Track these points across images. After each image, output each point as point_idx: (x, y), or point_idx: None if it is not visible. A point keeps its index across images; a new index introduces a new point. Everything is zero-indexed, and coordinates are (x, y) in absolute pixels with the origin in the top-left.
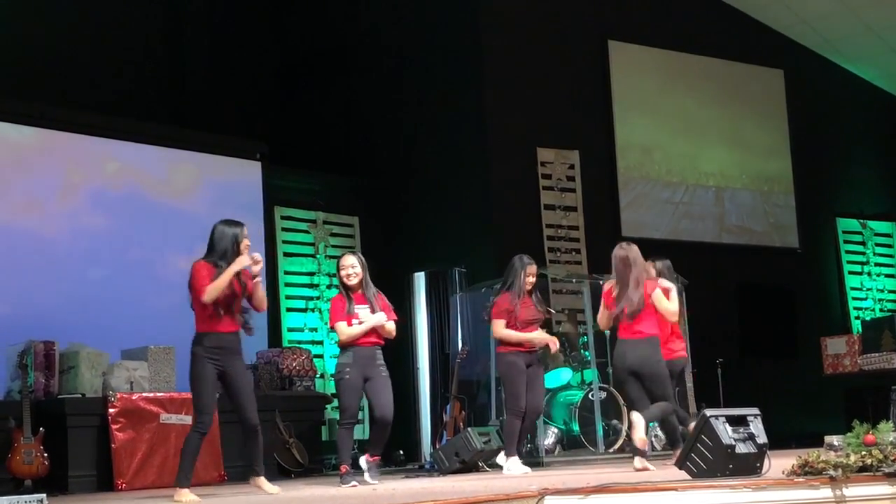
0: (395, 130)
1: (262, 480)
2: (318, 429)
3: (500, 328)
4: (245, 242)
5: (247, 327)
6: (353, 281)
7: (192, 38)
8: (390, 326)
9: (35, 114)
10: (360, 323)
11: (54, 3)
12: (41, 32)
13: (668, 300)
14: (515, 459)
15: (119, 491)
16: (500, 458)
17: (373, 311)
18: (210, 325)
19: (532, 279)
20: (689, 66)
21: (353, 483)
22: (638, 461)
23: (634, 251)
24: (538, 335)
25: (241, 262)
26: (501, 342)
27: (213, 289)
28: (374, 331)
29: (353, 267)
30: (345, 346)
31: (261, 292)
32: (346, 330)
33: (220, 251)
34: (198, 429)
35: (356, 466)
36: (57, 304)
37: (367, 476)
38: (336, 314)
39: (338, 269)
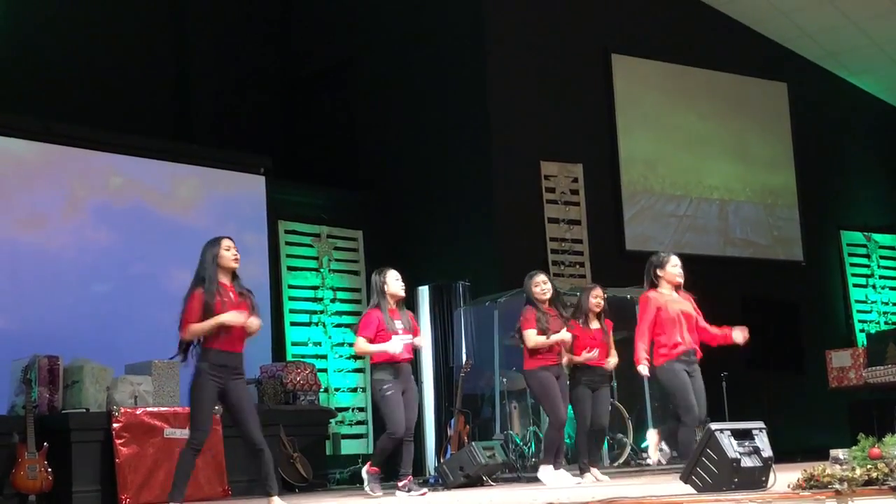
0: (399, 144)
1: (276, 500)
2: (322, 443)
3: (532, 336)
4: (225, 255)
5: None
6: (403, 293)
7: (196, 53)
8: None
9: (39, 129)
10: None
11: (59, 20)
12: (45, 48)
13: None
14: (549, 468)
15: None
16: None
17: (405, 328)
18: (216, 342)
19: (539, 288)
20: (692, 80)
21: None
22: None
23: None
24: (563, 333)
25: (232, 319)
26: (530, 355)
27: (195, 331)
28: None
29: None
30: (382, 362)
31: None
32: (365, 346)
33: (204, 275)
34: (192, 445)
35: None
36: (61, 319)
37: (411, 496)
38: (368, 327)
39: (382, 282)
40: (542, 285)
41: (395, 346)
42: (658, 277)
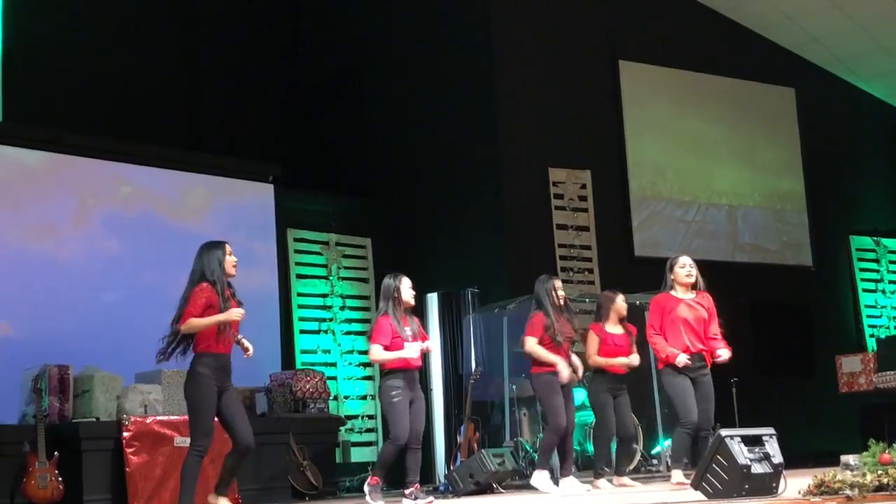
0: (408, 151)
1: (220, 500)
2: (332, 451)
3: (531, 343)
4: (229, 260)
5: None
6: (413, 302)
7: (204, 62)
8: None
9: (49, 138)
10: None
11: (68, 30)
12: (56, 59)
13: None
14: (545, 473)
15: None
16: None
17: (414, 334)
18: (212, 345)
19: (561, 293)
20: (700, 85)
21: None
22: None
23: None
24: (563, 367)
25: (230, 315)
26: (535, 362)
27: (193, 325)
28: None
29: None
30: (394, 368)
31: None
32: (382, 354)
33: (210, 275)
34: (199, 451)
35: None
36: (71, 328)
37: (418, 503)
38: (383, 335)
39: (396, 288)
40: (558, 291)
41: (411, 352)
42: (670, 279)
